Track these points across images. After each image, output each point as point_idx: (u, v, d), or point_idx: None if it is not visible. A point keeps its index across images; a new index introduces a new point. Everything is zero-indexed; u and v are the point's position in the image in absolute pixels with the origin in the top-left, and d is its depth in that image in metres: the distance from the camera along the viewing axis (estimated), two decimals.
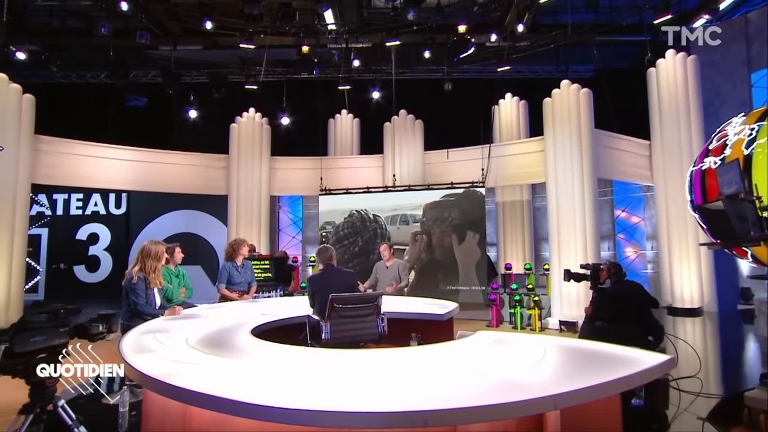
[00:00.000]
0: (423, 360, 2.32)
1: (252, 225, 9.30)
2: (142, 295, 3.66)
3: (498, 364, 2.22)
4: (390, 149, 9.43)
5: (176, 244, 4.67)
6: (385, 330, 3.48)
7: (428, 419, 1.51)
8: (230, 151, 9.43)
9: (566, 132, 7.85)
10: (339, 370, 2.12)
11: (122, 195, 11.92)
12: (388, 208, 8.83)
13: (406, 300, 4.84)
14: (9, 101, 7.38)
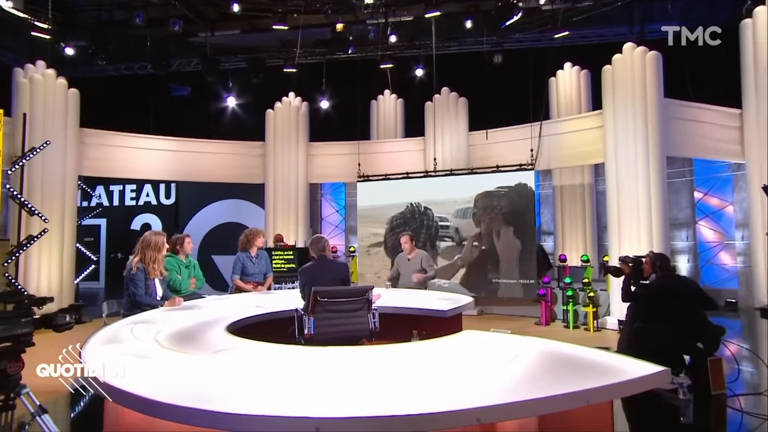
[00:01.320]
0: (379, 361, 2.29)
1: (289, 214, 9.61)
2: (141, 285, 3.92)
3: (450, 370, 2.14)
4: (431, 131, 9.27)
5: (186, 234, 4.94)
6: (376, 326, 3.47)
7: (319, 426, 1.49)
8: (266, 137, 9.77)
9: (629, 104, 7.26)
10: (284, 369, 2.16)
11: (171, 185, 12.80)
12: (437, 199, 8.67)
13: (413, 293, 4.78)
14: (56, 96, 8.16)
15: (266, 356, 2.39)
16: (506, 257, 8.20)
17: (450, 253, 8.64)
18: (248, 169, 9.77)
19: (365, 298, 3.46)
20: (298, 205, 9.68)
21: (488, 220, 8.34)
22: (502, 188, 8.20)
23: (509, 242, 8.14)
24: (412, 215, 9.00)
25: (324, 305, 3.35)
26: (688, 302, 3.97)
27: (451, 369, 2.16)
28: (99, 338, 2.64)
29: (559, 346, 2.50)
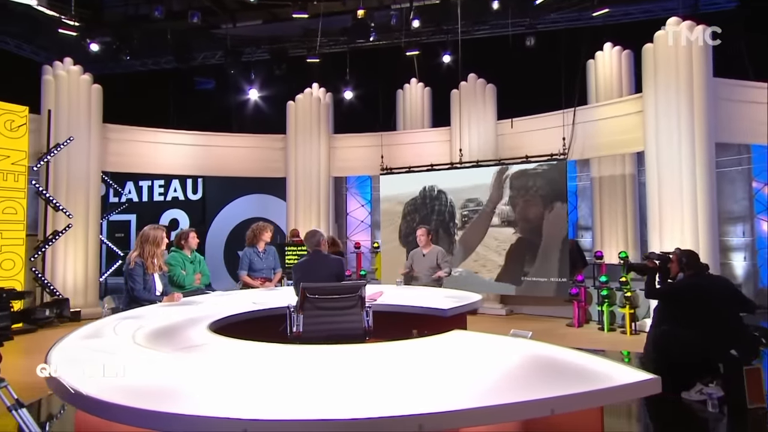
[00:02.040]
0: (350, 361, 2.24)
1: (311, 208, 9.68)
2: (139, 281, 4.03)
3: (419, 372, 2.07)
4: (457, 120, 9.09)
5: (191, 229, 5.05)
6: (370, 324, 3.42)
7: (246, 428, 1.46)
8: (287, 130, 9.87)
9: (672, 85, 6.86)
10: (248, 367, 2.15)
11: (198, 180, 13.17)
12: (462, 192, 8.52)
13: (418, 291, 4.69)
14: (80, 93, 8.54)
15: (236, 354, 2.39)
16: (541, 248, 7.94)
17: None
18: (270, 162, 9.91)
19: (358, 295, 3.41)
20: (320, 200, 9.73)
21: (523, 203, 8.11)
22: (540, 164, 7.94)
23: (545, 230, 7.89)
24: (423, 201, 8.89)
25: (314, 302, 3.33)
26: (721, 303, 3.70)
27: (420, 371, 2.09)
28: (79, 334, 2.71)
29: (549, 349, 2.38)
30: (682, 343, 3.72)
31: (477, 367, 2.14)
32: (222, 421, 1.49)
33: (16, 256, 7.35)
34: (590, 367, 2.06)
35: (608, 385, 1.83)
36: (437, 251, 5.47)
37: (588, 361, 2.14)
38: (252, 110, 11.31)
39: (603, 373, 1.96)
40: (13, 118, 7.43)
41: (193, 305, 3.84)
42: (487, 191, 8.37)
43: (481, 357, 2.31)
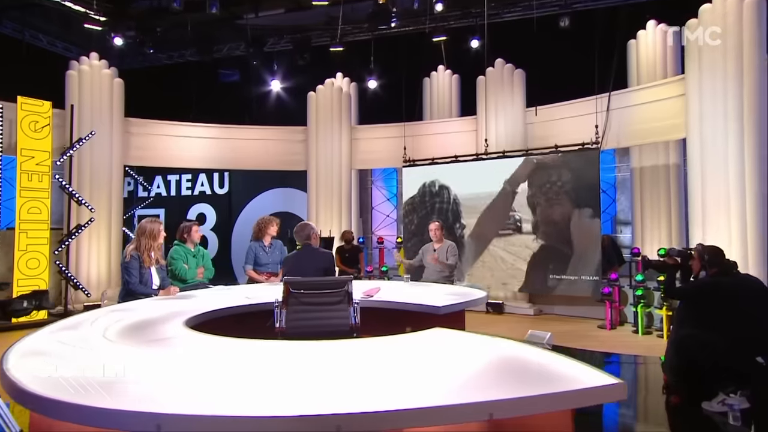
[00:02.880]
0: (314, 357, 2.24)
1: (332, 203, 9.74)
2: (135, 274, 4.16)
3: (376, 370, 2.04)
4: (483, 108, 8.91)
5: (194, 222, 5.17)
6: (356, 321, 3.40)
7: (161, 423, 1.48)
8: (308, 122, 9.95)
9: (718, 65, 6.47)
10: (213, 363, 2.18)
11: (225, 174, 13.50)
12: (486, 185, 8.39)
13: (416, 287, 4.62)
14: (102, 87, 8.91)
15: (202, 349, 2.42)
16: (570, 244, 7.71)
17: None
18: (291, 155, 10.04)
19: (344, 291, 3.40)
20: (341, 193, 9.78)
21: (545, 204, 7.89)
22: (570, 154, 7.69)
23: (574, 225, 7.65)
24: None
25: (298, 297, 3.34)
26: (749, 305, 3.45)
27: (377, 369, 2.05)
28: (53, 328, 2.81)
29: (523, 350, 2.29)
30: (704, 349, 3.50)
31: (438, 367, 2.08)
32: (138, 415, 1.51)
33: (40, 255, 7.75)
34: (558, 369, 1.97)
35: (566, 388, 1.74)
36: (447, 246, 5.39)
37: (558, 363, 2.05)
38: (275, 102, 11.48)
39: (568, 376, 1.87)
40: (37, 119, 7.80)
41: (185, 299, 3.93)
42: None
43: (448, 357, 2.25)
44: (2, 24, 11.60)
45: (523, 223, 8.16)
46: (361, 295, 3.99)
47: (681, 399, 3.59)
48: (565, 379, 1.85)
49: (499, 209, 8.31)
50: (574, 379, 1.84)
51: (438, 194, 8.82)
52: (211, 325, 3.35)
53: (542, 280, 7.97)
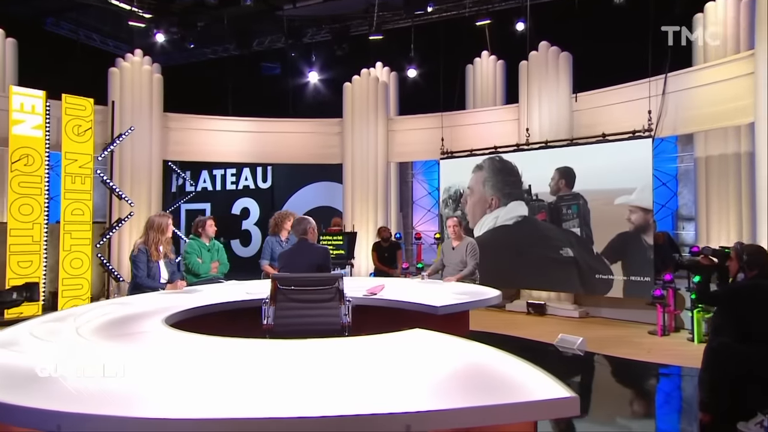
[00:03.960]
0: (274, 357, 2.21)
1: (368, 197, 9.71)
2: (142, 267, 4.30)
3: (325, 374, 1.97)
4: (525, 95, 8.56)
5: (209, 216, 5.29)
6: (348, 320, 3.34)
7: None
8: (344, 113, 9.97)
9: None
10: (180, 362, 2.20)
11: (268, 168, 13.82)
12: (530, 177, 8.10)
13: (422, 285, 4.48)
14: (143, 83, 9.33)
15: (171, 347, 2.45)
16: (616, 246, 7.29)
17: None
18: (326, 148, 10.10)
19: (335, 288, 3.35)
20: (377, 187, 9.73)
21: (590, 196, 7.49)
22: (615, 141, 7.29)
23: (622, 225, 7.22)
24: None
25: (286, 293, 3.33)
26: None
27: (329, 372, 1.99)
28: (35, 321, 2.94)
29: (492, 357, 2.14)
30: (741, 360, 3.17)
31: (391, 372, 1.99)
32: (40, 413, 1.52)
33: (83, 256, 8.23)
34: (519, 379, 1.84)
35: (513, 400, 1.61)
36: (467, 243, 5.21)
37: (523, 371, 1.91)
38: (313, 94, 11.59)
39: (526, 386, 1.74)
40: (80, 123, 8.27)
41: (187, 294, 4.02)
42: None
43: (411, 361, 2.16)
44: (59, 26, 12.43)
45: (566, 217, 7.79)
46: (365, 292, 3.94)
47: (713, 418, 3.26)
48: (519, 389, 1.72)
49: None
50: (528, 390, 1.71)
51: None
52: (206, 321, 3.42)
53: (587, 279, 7.57)
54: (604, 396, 4.64)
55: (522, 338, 6.10)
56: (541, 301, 8.16)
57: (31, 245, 7.70)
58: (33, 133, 7.79)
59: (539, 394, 1.65)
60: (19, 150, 7.64)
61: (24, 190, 7.65)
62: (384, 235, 8.04)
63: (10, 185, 7.55)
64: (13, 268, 7.48)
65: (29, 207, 7.69)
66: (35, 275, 7.62)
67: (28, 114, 7.78)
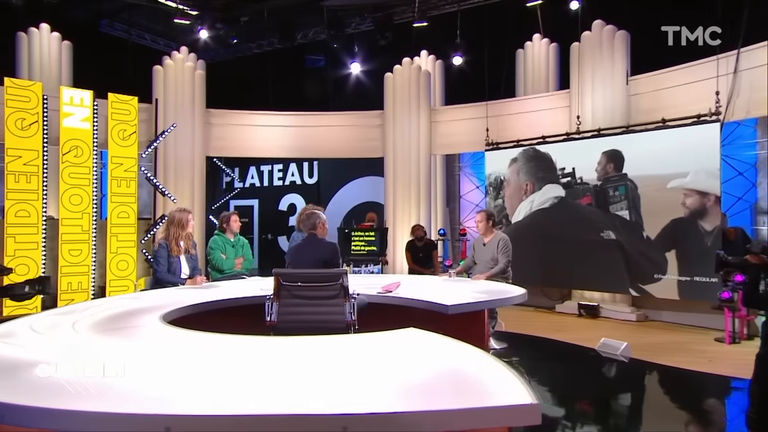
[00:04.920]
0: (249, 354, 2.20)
1: (410, 191, 9.62)
2: (163, 262, 4.44)
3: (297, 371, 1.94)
4: (576, 80, 8.18)
5: (233, 212, 5.39)
6: (353, 318, 3.31)
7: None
8: (385, 105, 9.92)
9: None
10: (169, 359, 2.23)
11: (314, 163, 14.02)
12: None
13: (444, 283, 4.34)
14: (185, 80, 9.68)
15: (162, 344, 2.49)
16: (679, 242, 6.84)
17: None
18: (367, 141, 10.09)
19: (339, 284, 3.31)
20: (420, 181, 9.62)
21: (649, 187, 7.08)
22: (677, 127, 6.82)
23: (686, 219, 6.76)
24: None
25: (289, 289, 3.32)
26: None
27: (306, 370, 1.96)
28: (40, 315, 3.09)
29: (476, 360, 2.04)
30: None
31: (361, 373, 1.94)
32: None
33: (129, 258, 8.65)
34: (487, 382, 1.74)
35: (470, 405, 1.52)
36: (498, 239, 5.02)
37: (495, 374, 1.80)
38: (355, 86, 11.62)
39: (494, 392, 1.64)
40: (125, 127, 8.65)
41: (199, 290, 4.10)
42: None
43: (389, 362, 2.09)
44: (113, 27, 13.14)
45: (613, 199, 7.38)
46: (379, 290, 3.89)
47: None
48: (482, 395, 1.64)
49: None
50: (490, 395, 1.62)
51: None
52: (208, 319, 3.48)
53: (645, 279, 7.14)
54: (638, 409, 4.32)
55: (562, 342, 5.82)
56: (594, 303, 7.79)
57: (81, 234, 8.19)
58: (81, 125, 8.26)
59: (498, 400, 1.56)
60: (69, 142, 8.14)
61: (74, 181, 8.15)
62: (418, 233, 7.88)
63: (61, 176, 8.06)
64: (65, 257, 8.02)
65: (78, 197, 8.18)
66: (85, 263, 8.14)
67: (77, 107, 8.26)
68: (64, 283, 8.02)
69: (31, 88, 7.82)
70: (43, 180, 7.84)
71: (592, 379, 4.65)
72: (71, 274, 8.10)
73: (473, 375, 1.85)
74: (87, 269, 8.15)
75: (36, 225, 7.80)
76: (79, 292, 8.02)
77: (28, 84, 7.88)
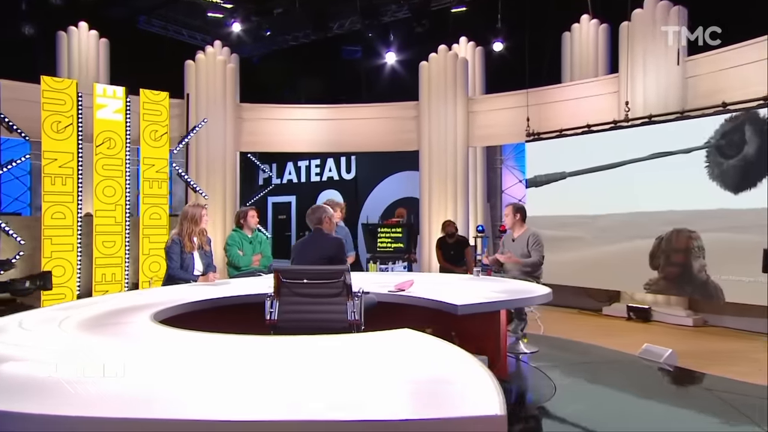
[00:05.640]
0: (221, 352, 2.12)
1: (446, 186, 9.40)
2: (175, 259, 4.45)
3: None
4: (626, 63, 7.74)
5: (250, 207, 5.37)
6: (356, 317, 3.19)
7: None
8: (420, 95, 9.73)
9: None
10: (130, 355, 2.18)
11: (351, 158, 13.98)
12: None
13: (460, 281, 4.13)
14: (216, 74, 9.81)
15: (145, 343, 2.45)
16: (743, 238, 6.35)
17: None
18: (402, 134, 9.92)
19: (341, 282, 3.19)
20: (456, 176, 9.37)
21: (710, 178, 6.62)
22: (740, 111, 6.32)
23: (750, 212, 6.28)
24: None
25: (290, 287, 3.23)
26: None
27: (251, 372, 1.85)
28: (37, 311, 3.11)
29: (457, 365, 1.87)
30: None
31: (334, 376, 1.81)
32: None
33: (161, 259, 8.79)
34: (460, 389, 1.58)
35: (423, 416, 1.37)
36: (529, 234, 4.77)
37: (472, 380, 1.64)
38: (391, 76, 11.49)
39: (457, 399, 1.49)
40: (156, 128, 8.83)
41: (219, 287, 4.07)
42: None
43: (371, 364, 1.96)
44: (151, 23, 13.52)
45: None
46: (392, 288, 3.76)
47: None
48: (448, 404, 1.48)
49: None
50: (456, 404, 1.47)
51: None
52: (215, 314, 3.44)
53: (700, 279, 6.68)
54: (671, 422, 3.94)
55: (600, 347, 5.47)
56: (645, 305, 7.36)
57: (114, 226, 8.43)
58: (114, 117, 8.48)
59: (462, 410, 1.41)
60: (103, 134, 8.38)
61: (107, 173, 8.38)
62: (448, 230, 7.59)
63: (95, 168, 8.30)
64: (99, 248, 8.25)
65: (112, 189, 8.41)
66: (118, 255, 8.36)
67: (110, 98, 8.52)
68: (98, 274, 8.27)
69: (66, 90, 8.05)
70: (78, 180, 8.10)
71: (624, 388, 4.32)
72: (105, 265, 8.33)
73: (447, 381, 1.70)
74: (120, 261, 8.35)
75: (71, 227, 8.06)
76: (112, 284, 8.26)
77: (64, 86, 8.07)
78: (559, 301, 8.38)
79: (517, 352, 4.67)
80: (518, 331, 4.77)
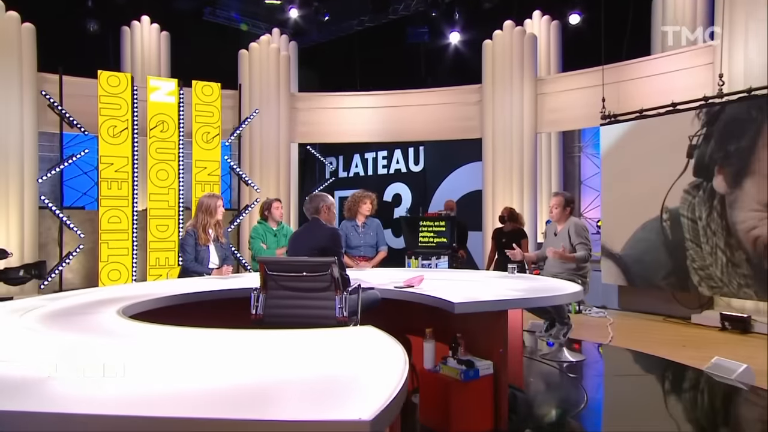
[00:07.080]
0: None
1: (512, 177, 9.01)
2: (189, 251, 4.53)
3: None
4: (721, 29, 7.02)
5: (275, 198, 5.39)
6: (344, 314, 3.09)
7: None
8: (483, 78, 9.40)
9: None
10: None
11: (420, 149, 13.79)
12: None
13: (492, 278, 3.85)
14: (270, 63, 10.02)
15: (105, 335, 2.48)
16: None
17: None
18: (464, 121, 9.63)
19: (329, 275, 3.10)
20: (523, 165, 8.96)
21: None
22: None
23: None
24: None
25: (276, 279, 3.18)
26: None
27: None
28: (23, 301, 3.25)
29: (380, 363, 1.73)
30: None
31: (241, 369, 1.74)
32: None
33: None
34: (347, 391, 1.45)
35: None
36: (571, 225, 4.42)
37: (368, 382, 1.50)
38: (454, 58, 11.23)
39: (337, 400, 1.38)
40: (208, 130, 9.21)
41: (230, 280, 4.12)
42: None
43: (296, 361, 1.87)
44: (216, 15, 14.13)
45: None
46: (400, 284, 3.62)
47: None
48: (325, 405, 1.38)
49: None
50: (331, 406, 1.36)
51: None
52: (214, 307, 3.47)
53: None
54: None
55: (666, 359, 4.95)
56: (744, 314, 6.65)
57: (167, 210, 8.89)
58: (167, 100, 8.95)
59: (327, 414, 1.28)
60: (156, 117, 8.86)
61: (160, 156, 8.86)
62: (502, 213, 6.95)
63: (149, 151, 8.79)
64: (153, 232, 8.71)
65: (165, 172, 8.88)
66: (171, 239, 8.74)
67: (163, 81, 9.01)
68: (152, 258, 8.72)
69: (122, 94, 8.57)
70: (134, 182, 8.60)
71: (669, 407, 3.86)
72: (158, 249, 8.76)
73: (344, 382, 1.56)
74: (173, 245, 8.72)
75: (126, 231, 8.57)
76: (165, 268, 8.67)
77: (120, 88, 8.56)
78: (643, 307, 7.83)
79: (559, 360, 4.35)
80: (560, 337, 4.43)
